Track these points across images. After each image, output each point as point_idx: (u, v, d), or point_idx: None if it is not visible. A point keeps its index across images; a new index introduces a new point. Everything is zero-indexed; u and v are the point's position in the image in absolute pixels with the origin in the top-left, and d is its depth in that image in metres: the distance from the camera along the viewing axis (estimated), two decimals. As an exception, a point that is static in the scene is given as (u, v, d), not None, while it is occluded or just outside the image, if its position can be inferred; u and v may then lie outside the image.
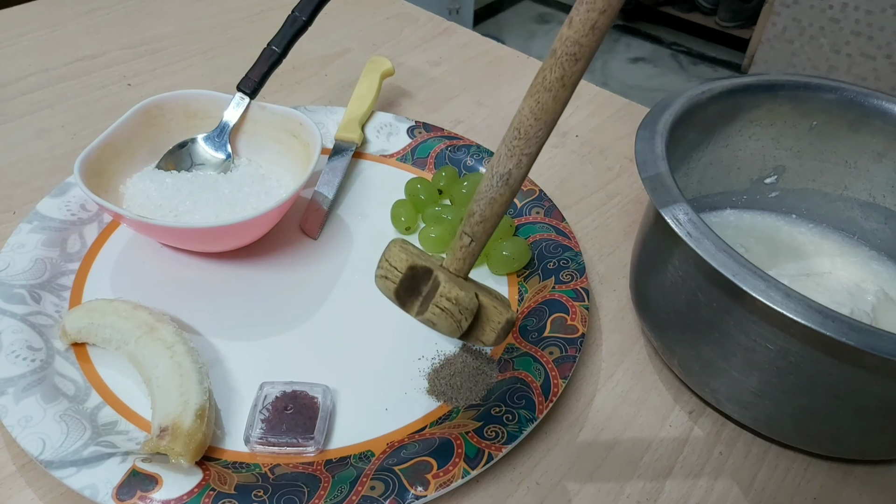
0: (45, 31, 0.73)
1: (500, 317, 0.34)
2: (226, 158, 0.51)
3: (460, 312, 0.33)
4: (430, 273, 0.33)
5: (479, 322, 0.34)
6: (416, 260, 0.33)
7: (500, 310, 0.34)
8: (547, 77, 0.30)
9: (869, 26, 1.88)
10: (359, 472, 0.35)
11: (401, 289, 0.33)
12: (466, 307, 0.33)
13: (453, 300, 0.32)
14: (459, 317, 0.33)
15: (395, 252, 0.33)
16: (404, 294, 0.34)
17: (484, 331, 0.34)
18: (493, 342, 0.35)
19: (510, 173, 0.31)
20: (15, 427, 0.35)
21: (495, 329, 0.34)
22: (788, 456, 0.39)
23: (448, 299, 0.32)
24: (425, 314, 0.33)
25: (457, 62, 0.73)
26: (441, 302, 0.32)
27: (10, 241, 0.45)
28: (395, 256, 0.33)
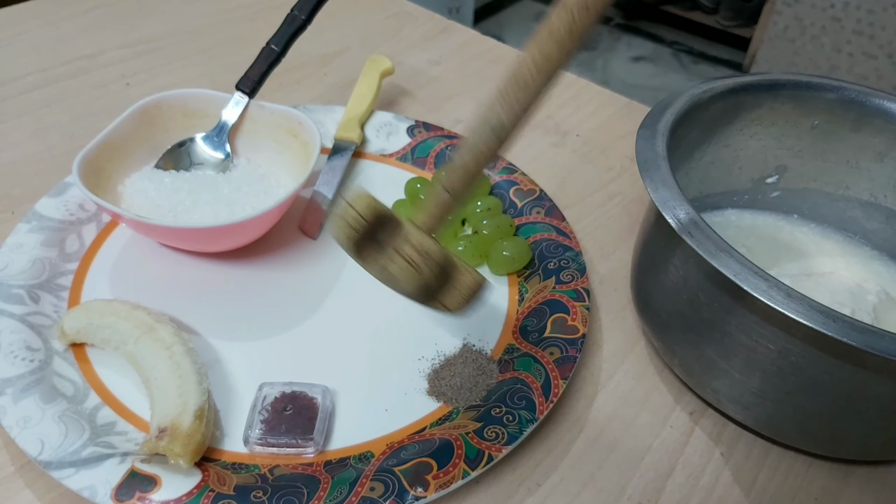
0: (43, 30, 0.73)
1: (470, 279, 0.30)
2: (225, 158, 0.51)
3: (426, 265, 0.28)
4: (396, 222, 0.29)
5: (446, 284, 0.30)
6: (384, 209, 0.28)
7: (471, 272, 0.30)
8: (554, 26, 0.27)
9: (871, 25, 1.88)
10: (358, 473, 0.35)
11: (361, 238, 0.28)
12: (436, 260, 0.28)
13: (422, 250, 0.28)
14: (426, 270, 0.28)
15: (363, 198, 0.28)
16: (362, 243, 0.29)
17: (451, 294, 0.30)
18: (457, 308, 0.31)
19: (502, 124, 0.28)
20: (13, 427, 0.35)
21: (464, 293, 0.30)
22: (790, 457, 0.39)
23: (416, 249, 0.28)
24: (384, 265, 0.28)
25: (457, 61, 0.73)
26: (406, 250, 0.28)
27: (9, 240, 0.45)
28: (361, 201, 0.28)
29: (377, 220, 0.28)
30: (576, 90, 0.69)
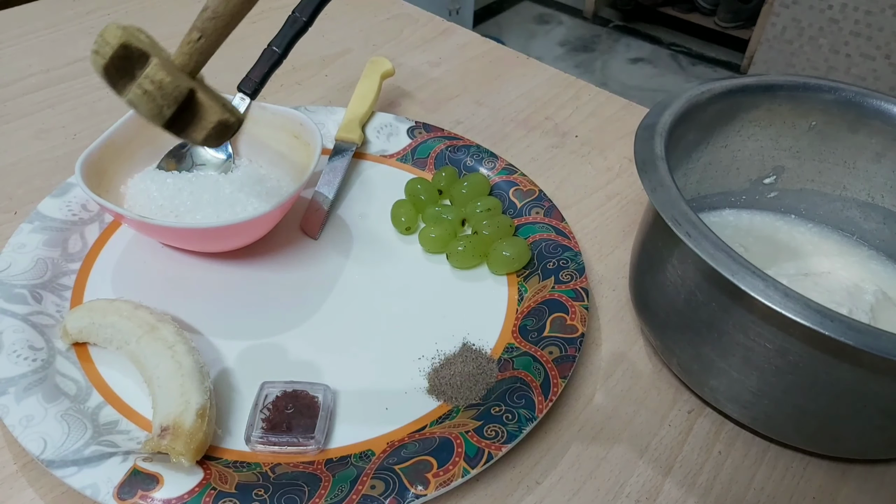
0: (45, 31, 0.73)
1: (213, 116, 0.34)
2: (226, 159, 0.51)
3: (162, 98, 0.32)
4: (147, 57, 0.32)
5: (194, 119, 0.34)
6: (134, 41, 0.32)
7: (215, 109, 0.34)
8: None
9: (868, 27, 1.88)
10: (359, 472, 0.35)
11: (111, 67, 0.32)
12: (170, 94, 0.32)
13: (157, 83, 0.31)
14: (161, 102, 0.32)
15: (112, 28, 0.32)
16: (116, 74, 0.32)
17: (196, 128, 0.34)
18: (201, 141, 0.34)
19: None
20: (16, 426, 0.35)
21: (206, 128, 0.34)
22: (787, 455, 0.39)
23: (152, 82, 0.31)
24: (129, 95, 0.32)
25: (457, 62, 0.73)
26: (144, 83, 0.32)
27: (12, 241, 0.45)
28: (110, 32, 0.32)
29: (125, 51, 0.31)
30: (575, 91, 0.69)
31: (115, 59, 0.32)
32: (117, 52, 0.32)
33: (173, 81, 0.32)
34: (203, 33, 0.33)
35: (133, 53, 0.32)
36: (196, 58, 0.33)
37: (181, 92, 0.32)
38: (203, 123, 0.34)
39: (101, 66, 0.32)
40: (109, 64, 0.32)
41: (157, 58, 0.32)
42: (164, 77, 0.31)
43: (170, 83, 0.32)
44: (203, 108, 0.33)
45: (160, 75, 0.31)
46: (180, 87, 0.32)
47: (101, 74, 0.32)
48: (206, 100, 0.33)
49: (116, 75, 0.33)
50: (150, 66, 0.32)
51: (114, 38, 0.31)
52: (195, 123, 0.34)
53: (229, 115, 0.34)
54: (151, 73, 0.31)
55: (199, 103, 0.33)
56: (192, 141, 0.34)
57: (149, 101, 0.32)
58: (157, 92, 0.32)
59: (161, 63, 0.32)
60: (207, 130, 0.34)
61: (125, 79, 0.33)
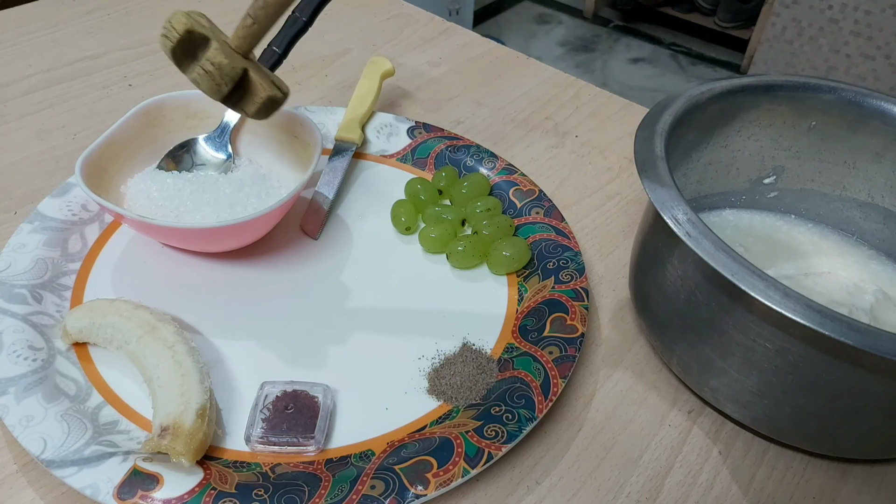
0: (45, 31, 0.73)
1: (263, 92, 0.38)
2: (226, 159, 0.51)
3: (221, 77, 0.36)
4: (208, 41, 0.36)
5: (247, 95, 0.38)
6: (197, 27, 0.36)
7: (265, 87, 0.38)
8: None
9: (868, 27, 1.88)
10: (359, 472, 0.35)
11: (178, 49, 0.36)
12: (227, 74, 0.36)
13: (216, 65, 0.36)
14: (220, 81, 0.36)
15: (178, 16, 0.36)
16: (181, 55, 0.37)
17: (248, 103, 0.38)
18: (253, 114, 0.38)
19: None
20: (16, 426, 0.35)
21: (256, 103, 0.38)
22: (787, 455, 0.39)
23: (212, 63, 0.36)
24: (192, 74, 0.37)
25: (457, 62, 0.73)
26: (206, 65, 0.36)
27: (12, 241, 0.45)
28: (177, 19, 0.36)
29: (189, 36, 0.35)
30: (575, 91, 0.69)
31: (181, 42, 0.36)
32: (183, 37, 0.35)
33: (230, 63, 0.36)
34: (255, 19, 0.36)
35: (196, 37, 0.36)
36: (249, 41, 0.37)
37: (237, 72, 0.36)
38: (255, 98, 0.37)
39: (170, 48, 0.36)
40: (176, 47, 0.36)
41: (216, 41, 0.36)
42: (222, 59, 0.35)
43: (227, 64, 0.36)
44: (255, 85, 0.37)
45: (219, 58, 0.35)
46: (236, 68, 0.36)
47: (170, 55, 0.36)
48: (257, 78, 0.37)
49: (182, 56, 0.37)
50: (211, 49, 0.36)
51: (180, 25, 0.35)
52: (248, 98, 0.38)
53: (277, 91, 0.38)
54: (211, 56, 0.36)
55: (251, 81, 0.37)
56: (246, 113, 0.38)
57: (209, 80, 0.36)
58: (216, 72, 0.36)
59: (220, 46, 0.36)
60: (258, 105, 0.38)
61: (189, 59, 0.37)
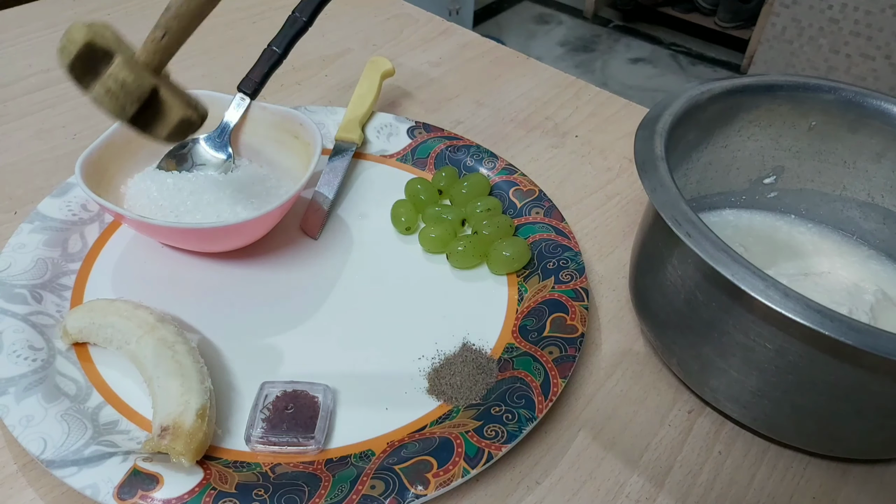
0: (45, 31, 0.73)
1: (175, 114, 0.34)
2: (227, 159, 0.51)
3: (125, 96, 0.33)
4: (112, 55, 0.33)
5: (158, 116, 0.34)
6: (99, 39, 0.33)
7: (178, 107, 0.34)
8: None
9: (868, 27, 1.88)
10: (359, 472, 0.35)
11: (76, 63, 0.33)
12: (132, 92, 0.33)
13: (120, 82, 0.32)
14: (124, 100, 0.33)
15: (77, 27, 0.33)
16: (81, 71, 0.33)
17: (159, 125, 0.35)
18: (165, 138, 0.35)
19: None
20: (16, 427, 0.35)
21: (169, 125, 0.35)
22: (787, 455, 0.39)
23: (115, 80, 0.32)
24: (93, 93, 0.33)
25: (457, 62, 0.73)
26: (108, 82, 0.32)
27: (12, 241, 0.45)
28: (76, 29, 0.33)
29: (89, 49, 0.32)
30: (575, 91, 0.69)
31: (80, 56, 0.32)
32: (82, 50, 0.32)
33: (136, 80, 0.33)
34: (167, 31, 0.33)
35: (98, 51, 0.32)
36: (160, 55, 0.34)
37: (143, 90, 0.33)
38: (166, 121, 0.34)
39: (67, 63, 0.32)
40: (75, 61, 0.32)
41: (120, 56, 0.33)
42: (126, 76, 0.32)
43: (132, 82, 0.32)
44: (166, 105, 0.34)
45: (123, 74, 0.32)
46: (143, 85, 0.33)
47: (67, 72, 0.33)
48: (169, 97, 0.34)
49: (82, 72, 0.33)
50: (114, 64, 0.32)
51: (79, 36, 0.32)
52: (159, 120, 0.34)
53: (192, 112, 0.35)
54: (115, 72, 0.32)
55: (162, 101, 0.34)
56: (156, 138, 0.35)
57: (112, 100, 0.33)
58: (119, 90, 0.32)
59: (124, 61, 0.33)
60: (170, 128, 0.34)
61: (90, 76, 0.33)
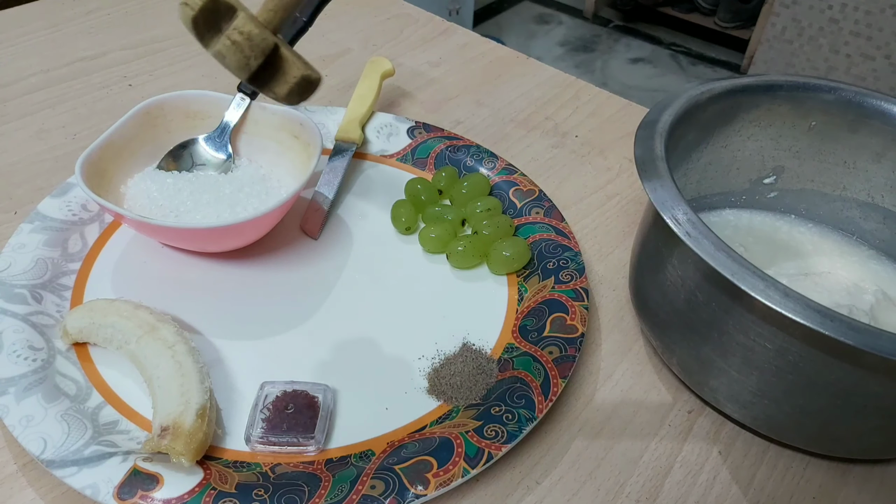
0: (45, 31, 0.73)
1: (297, 71, 0.34)
2: (227, 159, 0.51)
3: (251, 49, 0.32)
4: (234, 11, 0.33)
5: (277, 73, 0.34)
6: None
7: (298, 65, 0.34)
8: None
9: (868, 27, 1.88)
10: (359, 472, 0.35)
11: (200, 18, 0.33)
12: (258, 45, 0.32)
13: (245, 34, 0.32)
14: (249, 53, 0.32)
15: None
16: (204, 27, 0.33)
17: (279, 83, 0.34)
18: (285, 96, 0.34)
19: None
20: (16, 427, 0.35)
21: (289, 82, 0.34)
22: (787, 455, 0.39)
23: (241, 32, 0.32)
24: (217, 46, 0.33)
25: (457, 62, 0.73)
26: (233, 34, 0.32)
27: (12, 241, 0.45)
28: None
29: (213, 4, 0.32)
30: (575, 91, 0.69)
31: (203, 11, 0.32)
32: (206, 5, 0.32)
33: (261, 33, 0.32)
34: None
35: (221, 6, 0.32)
36: (280, 14, 0.33)
37: (268, 44, 0.33)
38: (286, 78, 0.34)
39: (191, 17, 0.32)
40: (198, 15, 0.32)
41: (244, 12, 0.33)
42: (252, 28, 0.32)
43: (258, 35, 0.32)
44: (287, 63, 0.34)
45: (248, 27, 0.32)
46: (267, 39, 0.33)
47: (190, 26, 0.32)
48: (289, 55, 0.34)
49: (204, 28, 0.33)
50: (238, 17, 0.32)
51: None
52: (278, 78, 0.34)
53: (312, 70, 0.34)
54: (240, 25, 0.32)
55: (282, 58, 0.33)
56: (275, 95, 0.34)
57: (237, 52, 0.32)
58: (245, 42, 0.32)
59: (249, 16, 0.32)
60: (291, 85, 0.34)
61: (211, 32, 0.33)
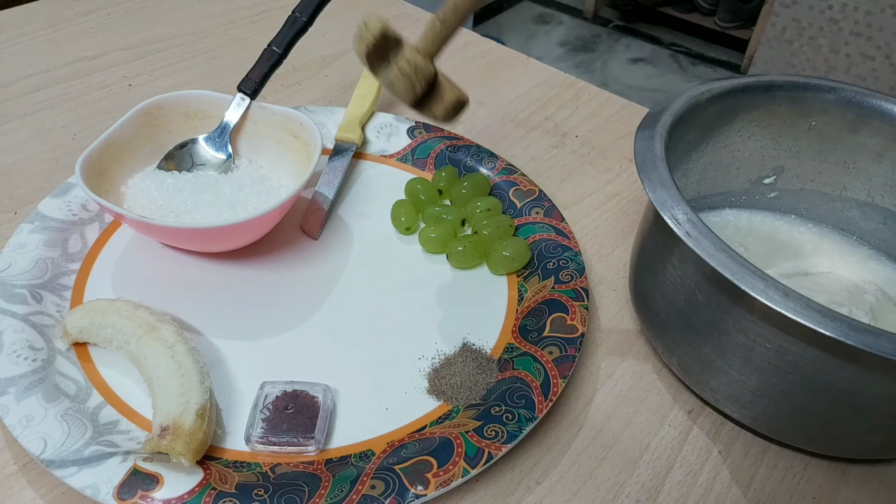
0: (45, 31, 0.73)
1: (452, 94, 0.38)
2: (226, 159, 0.51)
3: (416, 77, 0.36)
4: (400, 43, 0.37)
5: (435, 97, 0.38)
6: (390, 29, 0.36)
7: (454, 89, 0.38)
8: None
9: (868, 27, 1.88)
10: (359, 472, 0.35)
11: (372, 52, 0.36)
12: (423, 74, 0.37)
13: (412, 65, 0.36)
14: (415, 81, 0.36)
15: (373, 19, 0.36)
16: (375, 58, 0.37)
17: (436, 104, 0.38)
18: (442, 116, 0.39)
19: None
20: (16, 427, 0.35)
21: (445, 104, 0.38)
22: (787, 455, 0.39)
23: (409, 63, 0.36)
24: (388, 75, 0.37)
25: (457, 62, 0.73)
26: (403, 66, 0.36)
27: (12, 241, 0.45)
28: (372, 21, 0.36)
29: (384, 39, 0.36)
30: (575, 91, 0.69)
31: (375, 45, 0.36)
32: (378, 40, 0.35)
33: (425, 64, 0.36)
34: (444, 23, 0.36)
35: (389, 40, 0.36)
36: (438, 44, 0.37)
37: (430, 73, 0.37)
38: (443, 100, 0.38)
39: (365, 51, 0.36)
40: (371, 50, 0.36)
41: (408, 44, 0.37)
42: (418, 59, 0.36)
43: (423, 65, 0.36)
44: (443, 87, 0.38)
45: (416, 58, 0.36)
46: (430, 68, 0.37)
47: (363, 58, 0.36)
48: (444, 80, 0.38)
49: (375, 59, 0.37)
50: (406, 50, 0.36)
51: (375, 27, 0.36)
52: (436, 100, 0.38)
53: (462, 93, 0.39)
54: (408, 56, 0.36)
55: (439, 83, 0.38)
56: (433, 115, 0.38)
57: (405, 81, 0.36)
58: (412, 72, 0.36)
59: (414, 47, 0.36)
60: (447, 106, 0.38)
61: (380, 62, 0.37)
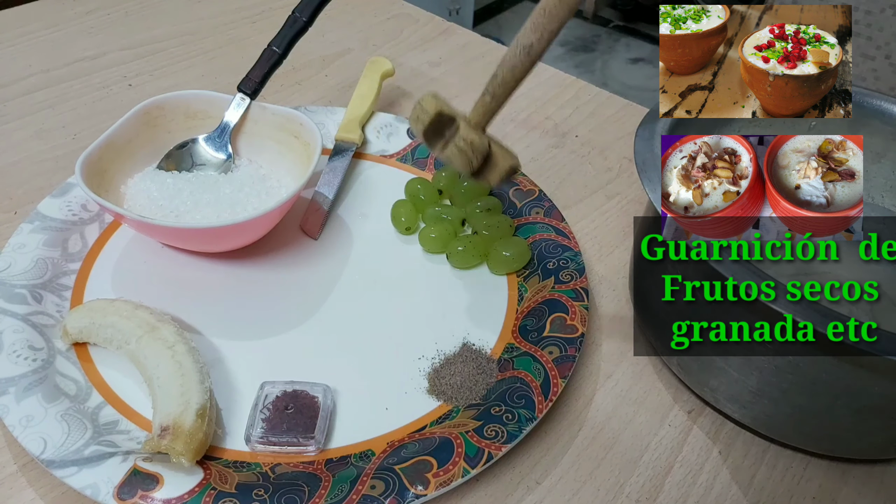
0: (45, 31, 0.73)
1: (505, 163, 0.40)
2: (226, 159, 0.51)
3: (473, 153, 0.38)
4: (454, 120, 0.39)
5: (489, 165, 0.40)
6: (445, 108, 0.38)
7: (507, 157, 0.40)
8: None
9: (868, 27, 1.88)
10: (359, 472, 0.35)
11: (429, 130, 0.39)
12: (478, 149, 0.39)
13: (469, 142, 0.38)
14: (472, 156, 0.38)
15: (428, 99, 0.39)
16: (431, 135, 0.39)
17: (491, 173, 0.40)
18: (496, 183, 0.41)
19: (532, 45, 0.35)
20: (16, 427, 0.35)
21: (500, 173, 0.40)
22: (787, 455, 0.39)
23: (465, 140, 0.38)
24: (446, 152, 0.39)
25: (457, 62, 0.73)
26: (459, 143, 0.38)
27: (12, 241, 0.45)
28: (427, 102, 0.38)
29: (439, 117, 0.38)
30: (575, 91, 0.69)
31: (431, 124, 0.38)
32: (434, 119, 0.38)
33: (480, 140, 0.39)
34: (494, 97, 0.38)
35: (444, 118, 0.39)
36: (488, 117, 0.39)
37: (485, 147, 0.39)
38: (497, 169, 0.40)
39: (422, 130, 0.39)
40: (428, 128, 0.39)
41: (463, 121, 0.39)
42: (474, 137, 0.38)
43: (478, 142, 0.38)
44: (496, 156, 0.40)
45: (471, 136, 0.38)
46: (484, 143, 0.39)
47: (422, 137, 0.39)
48: (497, 150, 0.40)
49: (432, 136, 0.39)
50: (461, 128, 0.38)
51: (431, 107, 0.38)
52: (491, 168, 0.40)
53: (516, 161, 0.41)
54: (464, 134, 0.38)
55: (493, 153, 0.40)
56: (488, 182, 0.40)
57: (463, 156, 0.39)
58: (468, 148, 0.38)
59: (466, 124, 0.39)
60: (501, 174, 0.40)
61: (437, 137, 0.39)
